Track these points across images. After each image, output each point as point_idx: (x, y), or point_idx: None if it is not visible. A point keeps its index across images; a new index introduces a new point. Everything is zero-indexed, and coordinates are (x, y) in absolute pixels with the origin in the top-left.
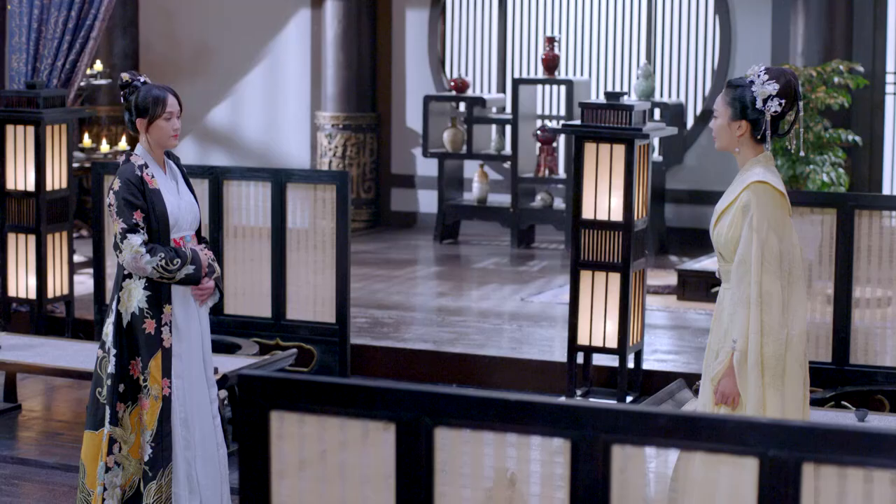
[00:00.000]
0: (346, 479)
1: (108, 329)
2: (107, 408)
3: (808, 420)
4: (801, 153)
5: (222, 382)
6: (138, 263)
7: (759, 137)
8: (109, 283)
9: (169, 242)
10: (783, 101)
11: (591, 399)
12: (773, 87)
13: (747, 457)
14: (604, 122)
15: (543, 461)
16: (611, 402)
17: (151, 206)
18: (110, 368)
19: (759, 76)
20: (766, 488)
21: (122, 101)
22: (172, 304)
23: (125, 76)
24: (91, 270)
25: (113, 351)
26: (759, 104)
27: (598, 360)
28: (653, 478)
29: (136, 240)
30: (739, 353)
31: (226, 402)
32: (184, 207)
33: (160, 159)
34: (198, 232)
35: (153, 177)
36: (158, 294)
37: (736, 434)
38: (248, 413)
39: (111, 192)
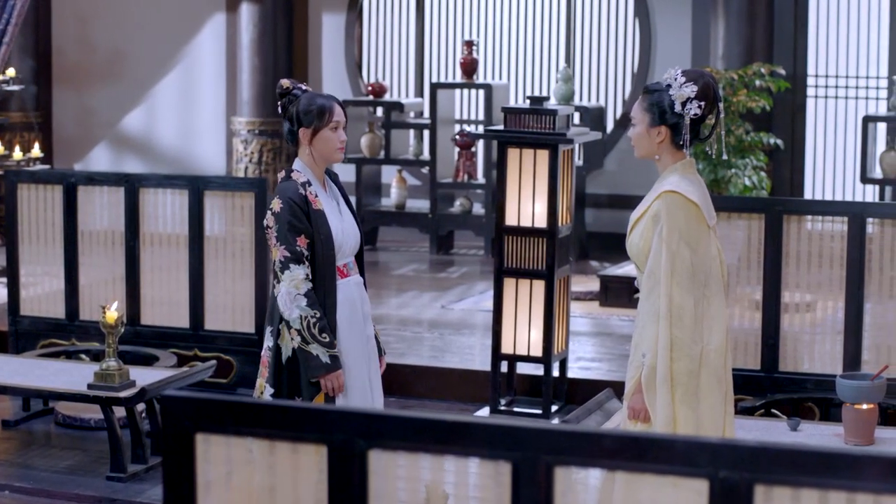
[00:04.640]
0: (276, 503)
1: (265, 356)
2: None
3: (733, 437)
4: (724, 156)
5: (140, 396)
6: (292, 301)
7: (679, 143)
8: (24, 293)
9: (334, 270)
10: (703, 104)
11: (516, 408)
12: (691, 90)
13: (697, 479)
14: (527, 127)
15: (483, 485)
16: (554, 423)
17: (316, 229)
18: None
19: (676, 79)
20: None
21: (280, 110)
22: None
23: (285, 83)
24: (5, 279)
25: (269, 390)
26: (677, 108)
27: (522, 368)
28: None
29: (300, 273)
30: (648, 368)
31: (143, 415)
32: (346, 230)
33: (321, 176)
34: (358, 255)
35: (316, 196)
36: None
37: (685, 455)
38: (172, 435)
39: (270, 213)
